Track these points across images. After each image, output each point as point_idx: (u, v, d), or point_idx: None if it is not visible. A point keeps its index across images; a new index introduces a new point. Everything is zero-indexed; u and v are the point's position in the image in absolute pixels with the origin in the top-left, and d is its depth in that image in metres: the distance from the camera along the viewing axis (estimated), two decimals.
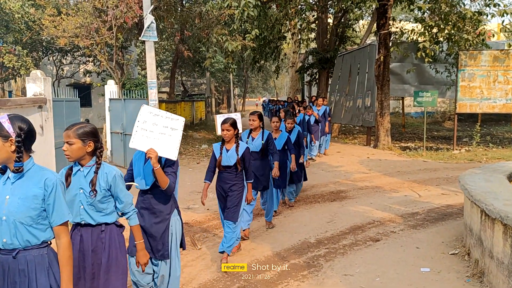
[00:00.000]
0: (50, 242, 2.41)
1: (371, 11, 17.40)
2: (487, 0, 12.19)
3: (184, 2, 18.01)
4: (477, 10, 12.35)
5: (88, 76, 21.02)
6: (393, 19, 18.36)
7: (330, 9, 19.33)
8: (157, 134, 3.30)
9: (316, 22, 19.24)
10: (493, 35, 17.86)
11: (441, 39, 12.69)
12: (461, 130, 17.77)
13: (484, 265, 4.10)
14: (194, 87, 38.19)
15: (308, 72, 21.92)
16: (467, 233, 4.85)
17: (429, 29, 12.35)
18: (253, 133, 5.56)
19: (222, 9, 11.96)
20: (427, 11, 12.46)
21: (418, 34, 13.41)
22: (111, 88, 12.05)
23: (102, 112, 17.98)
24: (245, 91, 47.49)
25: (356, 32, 22.87)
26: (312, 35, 20.49)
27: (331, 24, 19.56)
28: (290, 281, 4.31)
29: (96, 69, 18.85)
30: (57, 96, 8.46)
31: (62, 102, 8.69)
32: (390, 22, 14.71)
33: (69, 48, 16.78)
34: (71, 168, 2.81)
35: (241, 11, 10.35)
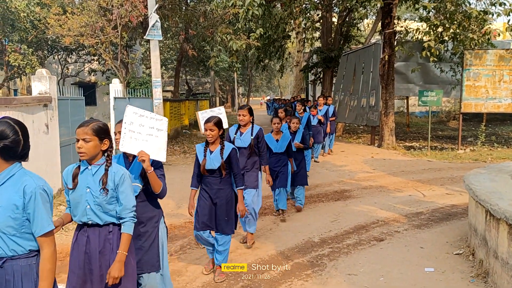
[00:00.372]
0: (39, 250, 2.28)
1: (376, 10, 17.34)
2: None
3: (188, 1, 18.08)
4: (482, 9, 12.29)
5: (93, 75, 21.11)
6: (398, 18, 18.33)
7: (334, 8, 19.30)
8: (145, 135, 3.18)
9: (321, 21, 19.19)
10: (499, 34, 17.79)
11: (446, 38, 12.65)
12: (466, 129, 17.68)
13: (489, 266, 4.08)
14: (198, 86, 38.25)
15: (312, 71, 21.87)
16: (471, 233, 4.83)
17: (434, 28, 12.29)
18: (242, 128, 5.15)
19: (226, 8, 12.00)
20: (432, 10, 12.40)
21: (423, 33, 13.37)
22: (116, 87, 12.10)
23: (106, 110, 18.02)
24: (249, 90, 47.53)
25: (360, 31, 22.76)
26: (317, 34, 20.43)
27: (335, 23, 19.52)
28: (294, 280, 4.31)
29: (101, 68, 18.96)
30: (62, 94, 8.48)
31: (67, 100, 8.70)
32: (395, 21, 14.67)
33: (74, 47, 16.83)
34: (78, 167, 2.71)
35: (246, 10, 10.35)
